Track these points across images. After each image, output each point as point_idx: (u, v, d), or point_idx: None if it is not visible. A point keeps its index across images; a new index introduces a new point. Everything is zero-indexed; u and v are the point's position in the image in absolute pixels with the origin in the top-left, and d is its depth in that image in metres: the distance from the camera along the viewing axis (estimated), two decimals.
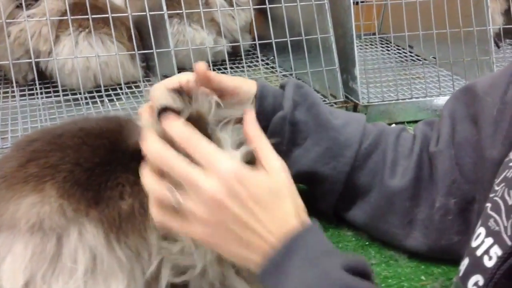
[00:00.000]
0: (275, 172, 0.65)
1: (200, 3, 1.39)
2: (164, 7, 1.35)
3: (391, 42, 1.85)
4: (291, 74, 1.55)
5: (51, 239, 0.64)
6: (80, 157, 0.68)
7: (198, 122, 0.71)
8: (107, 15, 1.33)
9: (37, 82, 1.33)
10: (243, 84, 0.86)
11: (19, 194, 0.65)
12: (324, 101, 1.38)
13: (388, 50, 1.83)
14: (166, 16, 1.35)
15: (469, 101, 0.82)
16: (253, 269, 0.63)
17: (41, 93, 1.47)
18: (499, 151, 0.72)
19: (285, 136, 0.88)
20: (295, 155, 0.89)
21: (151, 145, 0.64)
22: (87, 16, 1.32)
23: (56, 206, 0.65)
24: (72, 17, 1.35)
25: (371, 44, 1.88)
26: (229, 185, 0.61)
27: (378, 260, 0.86)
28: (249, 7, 1.56)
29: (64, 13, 1.46)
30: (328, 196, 0.90)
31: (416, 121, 1.28)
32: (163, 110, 0.68)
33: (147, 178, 0.65)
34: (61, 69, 1.44)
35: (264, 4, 1.45)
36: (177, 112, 0.69)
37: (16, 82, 1.52)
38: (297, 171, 0.87)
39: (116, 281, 0.66)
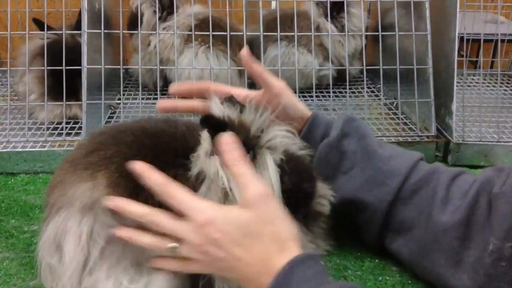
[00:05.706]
0: (251, 203, 0.72)
1: (298, 27, 1.45)
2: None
3: None
4: (392, 104, 1.52)
5: None
6: (129, 153, 0.78)
7: (240, 132, 0.78)
8: (225, 33, 1.44)
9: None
10: (297, 103, 0.94)
11: (79, 179, 0.78)
12: (415, 133, 1.34)
13: None
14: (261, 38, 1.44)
15: None
16: None
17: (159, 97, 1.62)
18: None
19: (331, 163, 0.91)
20: (341, 182, 0.90)
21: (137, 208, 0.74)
22: (208, 33, 1.45)
23: (104, 193, 0.76)
24: (196, 33, 1.51)
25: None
26: (206, 234, 0.70)
27: None
28: (360, 33, 1.57)
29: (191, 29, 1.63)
30: (370, 226, 0.89)
31: None
32: (208, 118, 0.76)
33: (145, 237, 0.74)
34: (179, 77, 1.60)
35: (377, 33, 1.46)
36: (223, 121, 0.77)
37: (146, 87, 1.74)
38: (341, 197, 0.88)
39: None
